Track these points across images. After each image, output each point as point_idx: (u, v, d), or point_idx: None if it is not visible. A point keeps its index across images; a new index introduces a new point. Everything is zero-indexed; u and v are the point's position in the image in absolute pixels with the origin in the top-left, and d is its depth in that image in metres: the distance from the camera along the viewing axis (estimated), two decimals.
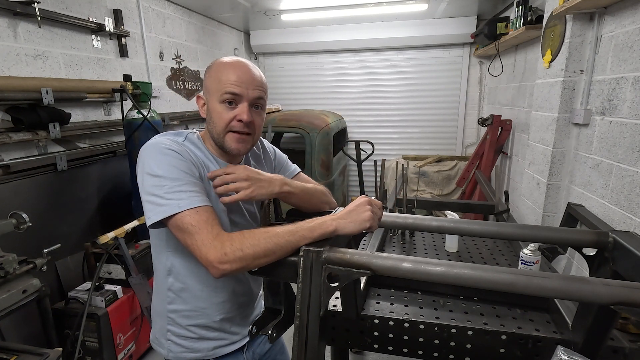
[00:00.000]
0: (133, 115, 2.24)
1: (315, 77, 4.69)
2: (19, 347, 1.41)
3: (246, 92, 0.90)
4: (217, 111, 0.91)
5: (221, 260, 0.76)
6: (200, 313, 1.01)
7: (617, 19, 1.54)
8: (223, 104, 0.90)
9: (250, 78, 0.90)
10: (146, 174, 0.83)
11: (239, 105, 0.90)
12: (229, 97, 0.89)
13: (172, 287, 1.00)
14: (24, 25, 1.94)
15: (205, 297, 1.00)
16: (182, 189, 0.81)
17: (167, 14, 3.15)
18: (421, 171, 4.13)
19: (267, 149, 1.15)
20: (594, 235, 0.81)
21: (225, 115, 0.90)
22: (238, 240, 0.77)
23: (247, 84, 0.90)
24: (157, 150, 0.85)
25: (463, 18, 3.95)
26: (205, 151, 0.97)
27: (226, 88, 0.88)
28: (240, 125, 0.91)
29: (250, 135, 0.94)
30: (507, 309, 1.02)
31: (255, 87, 0.91)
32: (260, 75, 0.94)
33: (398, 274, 0.65)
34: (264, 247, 0.76)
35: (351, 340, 1.01)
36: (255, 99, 0.92)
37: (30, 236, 1.70)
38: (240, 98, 0.90)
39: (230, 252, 0.76)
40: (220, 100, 0.90)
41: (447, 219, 0.91)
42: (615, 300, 0.54)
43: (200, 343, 1.03)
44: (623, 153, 1.46)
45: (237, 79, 0.89)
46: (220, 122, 0.91)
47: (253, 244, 0.77)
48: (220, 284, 1.01)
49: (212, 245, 0.77)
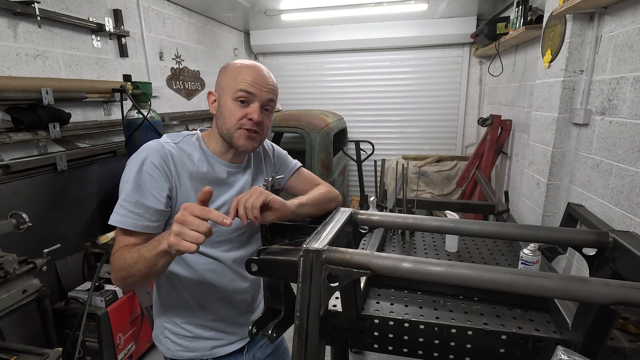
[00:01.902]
0: (133, 115, 2.24)
1: (315, 77, 4.69)
2: (19, 347, 1.41)
3: (260, 92, 0.93)
4: (229, 108, 0.93)
5: (112, 278, 0.87)
6: (194, 312, 1.02)
7: (617, 19, 1.54)
8: (236, 102, 0.93)
9: (264, 80, 0.94)
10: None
11: (251, 104, 0.93)
12: (243, 94, 0.92)
13: (167, 284, 1.02)
14: (24, 25, 1.94)
15: (197, 295, 1.01)
16: (126, 206, 0.87)
17: (167, 14, 3.15)
18: (421, 171, 4.13)
19: (265, 147, 1.16)
20: (594, 235, 0.80)
21: (237, 113, 0.93)
22: (115, 259, 0.86)
23: (261, 85, 0.93)
24: (135, 160, 0.90)
25: (463, 18, 3.95)
26: (205, 151, 0.98)
27: (241, 86, 0.92)
28: (251, 123, 0.93)
29: (258, 134, 0.96)
30: (507, 309, 1.02)
31: (268, 90, 0.95)
32: (273, 80, 0.98)
33: (398, 274, 0.65)
34: (121, 266, 0.83)
35: (351, 340, 1.01)
36: (267, 100, 0.95)
37: (30, 236, 1.70)
38: (253, 97, 0.93)
39: (112, 270, 0.86)
40: (233, 97, 0.93)
41: (447, 219, 0.91)
42: (615, 300, 0.54)
43: (196, 342, 1.03)
44: (623, 153, 1.46)
45: (253, 80, 0.92)
46: (232, 119, 0.93)
47: (118, 263, 0.84)
48: (213, 281, 1.01)
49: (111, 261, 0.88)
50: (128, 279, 0.83)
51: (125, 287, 0.86)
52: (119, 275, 0.84)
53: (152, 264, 0.78)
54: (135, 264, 0.80)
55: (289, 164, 1.18)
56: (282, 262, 0.75)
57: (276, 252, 0.77)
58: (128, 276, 0.82)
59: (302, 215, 0.94)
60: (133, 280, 0.83)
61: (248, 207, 0.80)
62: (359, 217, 0.93)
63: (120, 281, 0.85)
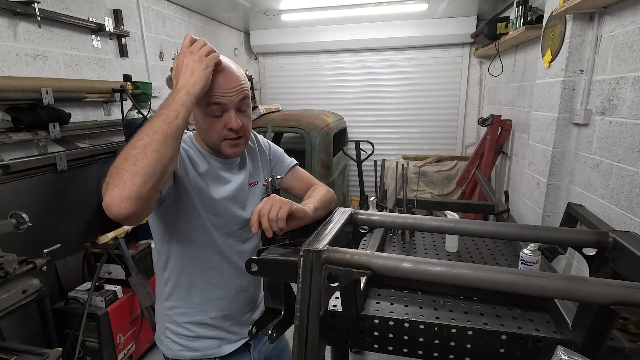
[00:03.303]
0: (133, 115, 2.24)
1: (315, 77, 4.69)
2: (19, 347, 1.41)
3: (230, 99, 0.89)
4: (207, 123, 0.91)
5: (112, 197, 0.65)
6: (196, 309, 1.02)
7: (617, 19, 1.54)
8: (210, 115, 0.90)
9: (232, 84, 0.88)
10: None
11: (225, 114, 0.90)
12: (215, 108, 0.89)
13: (168, 282, 1.02)
14: (24, 25, 1.94)
15: (200, 292, 1.01)
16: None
17: (167, 14, 3.15)
18: (421, 171, 4.13)
19: (261, 143, 1.17)
20: (594, 235, 0.80)
21: (216, 126, 0.91)
22: (112, 166, 0.69)
23: (230, 90, 0.88)
24: None
25: (463, 18, 3.95)
26: (199, 149, 0.99)
27: (209, 99, 0.87)
28: (232, 133, 0.92)
29: (243, 137, 0.96)
30: (507, 309, 1.01)
31: (238, 92, 0.90)
32: (240, 75, 0.92)
33: (398, 274, 0.65)
34: (132, 143, 0.69)
35: (351, 340, 1.01)
36: (240, 102, 0.91)
37: (30, 236, 1.70)
38: (226, 107, 0.89)
39: (111, 181, 0.66)
40: (206, 112, 0.90)
41: (447, 219, 0.91)
42: (615, 300, 0.54)
43: (198, 342, 1.03)
44: (623, 153, 1.46)
45: (220, 89, 0.87)
46: (213, 133, 0.92)
47: (123, 152, 0.69)
48: (216, 279, 1.02)
49: (103, 191, 0.68)
50: (138, 161, 0.67)
51: (133, 182, 0.65)
52: (128, 159, 0.67)
53: (171, 117, 0.72)
54: (147, 131, 0.69)
55: (285, 161, 1.18)
56: (282, 262, 0.75)
57: (276, 252, 0.77)
58: (141, 151, 0.67)
59: (316, 219, 0.94)
60: (146, 161, 0.67)
61: (273, 218, 0.78)
62: (359, 217, 0.93)
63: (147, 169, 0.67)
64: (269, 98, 4.90)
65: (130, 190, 0.65)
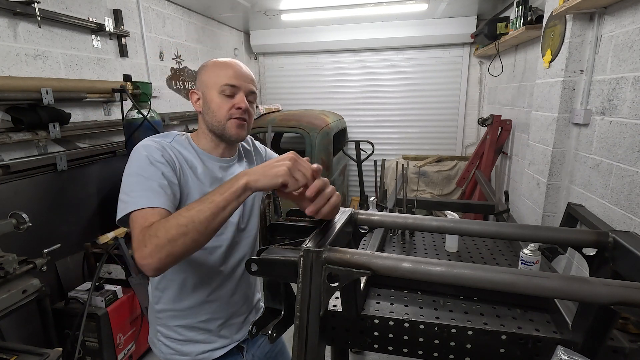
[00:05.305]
0: (133, 115, 2.24)
1: (315, 77, 4.69)
2: (19, 347, 1.41)
3: (243, 84, 0.98)
4: (217, 102, 0.97)
5: (142, 256, 0.72)
6: (186, 313, 1.02)
7: (617, 19, 1.54)
8: (222, 95, 0.96)
9: (245, 74, 1.00)
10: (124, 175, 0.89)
11: (237, 95, 0.97)
12: (228, 88, 0.96)
13: (159, 285, 1.02)
14: (24, 25, 1.94)
15: (189, 296, 1.01)
16: (143, 187, 0.83)
17: (167, 14, 3.15)
18: (421, 171, 4.13)
19: (257, 147, 1.18)
20: (594, 235, 0.80)
21: (225, 105, 0.97)
22: (154, 228, 0.74)
23: (243, 78, 0.99)
24: (138, 152, 0.89)
25: (463, 18, 3.95)
26: (197, 150, 1.00)
27: (225, 80, 0.96)
28: (240, 112, 0.97)
29: (247, 122, 1.01)
30: (507, 309, 1.01)
31: (249, 82, 1.00)
32: (251, 74, 1.03)
33: (398, 274, 0.65)
34: (175, 224, 0.73)
35: (351, 340, 1.01)
36: (249, 92, 1.00)
37: (30, 236, 1.70)
38: (238, 89, 0.97)
39: (148, 243, 0.72)
40: (219, 91, 0.96)
41: (447, 219, 0.91)
42: (615, 300, 0.54)
43: (188, 346, 1.03)
44: (623, 153, 1.46)
45: (235, 73, 0.97)
46: (221, 111, 0.97)
47: (165, 226, 0.73)
48: (206, 282, 1.02)
49: (137, 241, 0.75)
50: (178, 240, 0.72)
51: (168, 257, 0.72)
52: (167, 236, 0.72)
53: (220, 208, 0.74)
54: (196, 215, 0.73)
55: None
56: (282, 262, 0.75)
57: (276, 252, 0.77)
58: (181, 235, 0.72)
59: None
60: (185, 241, 0.72)
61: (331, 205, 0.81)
62: (359, 217, 0.93)
63: (172, 242, 0.72)
64: (269, 98, 4.90)
65: (159, 264, 0.73)
